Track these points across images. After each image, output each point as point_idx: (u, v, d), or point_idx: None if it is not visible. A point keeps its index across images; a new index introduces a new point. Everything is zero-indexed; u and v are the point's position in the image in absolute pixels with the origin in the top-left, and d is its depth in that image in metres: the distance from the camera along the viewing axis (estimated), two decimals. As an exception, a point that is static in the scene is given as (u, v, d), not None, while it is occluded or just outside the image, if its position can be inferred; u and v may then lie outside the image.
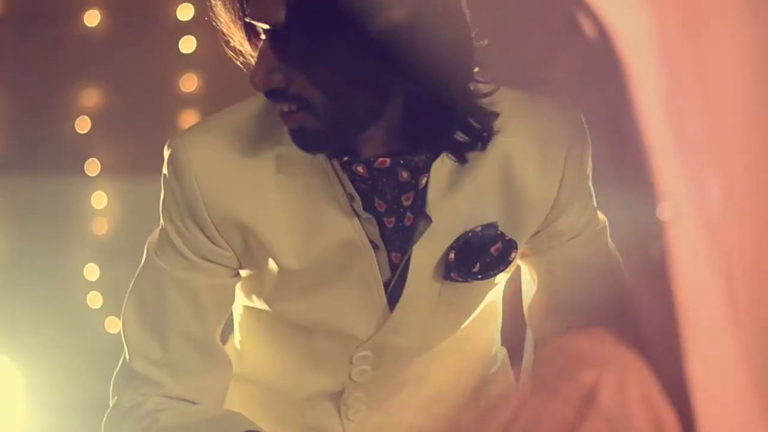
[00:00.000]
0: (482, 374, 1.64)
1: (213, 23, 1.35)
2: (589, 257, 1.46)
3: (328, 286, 1.42)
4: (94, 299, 2.94)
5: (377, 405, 1.54)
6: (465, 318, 1.50)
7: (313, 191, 1.37)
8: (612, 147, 1.38)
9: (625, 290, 1.47)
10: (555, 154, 1.41)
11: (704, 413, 1.08)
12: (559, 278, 1.46)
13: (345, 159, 1.34)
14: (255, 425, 1.38)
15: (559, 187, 1.41)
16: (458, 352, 1.56)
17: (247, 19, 1.30)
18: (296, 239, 1.38)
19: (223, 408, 1.46)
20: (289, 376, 1.54)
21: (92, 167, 2.93)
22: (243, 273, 1.45)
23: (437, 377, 1.56)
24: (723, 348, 1.06)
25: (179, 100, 2.93)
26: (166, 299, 1.40)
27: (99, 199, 2.94)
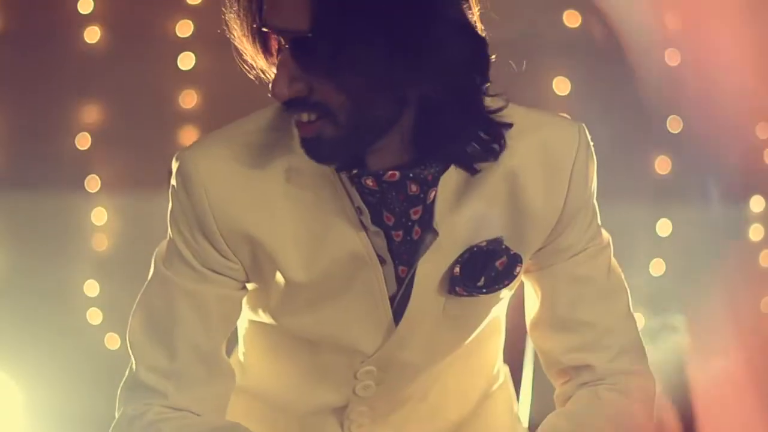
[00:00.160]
0: (484, 390, 1.64)
1: (227, 37, 1.34)
2: (592, 273, 1.46)
3: (335, 300, 1.41)
4: (94, 315, 2.93)
5: (380, 420, 1.55)
6: (469, 334, 1.50)
7: (322, 204, 1.37)
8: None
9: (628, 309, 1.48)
10: (560, 170, 1.41)
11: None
12: (562, 294, 1.46)
13: (354, 172, 1.33)
14: None
15: (564, 203, 1.42)
16: (461, 368, 1.56)
17: (265, 29, 1.29)
18: (303, 252, 1.38)
19: (225, 419, 1.45)
20: (293, 391, 1.54)
21: (92, 184, 2.92)
22: (249, 286, 1.45)
23: (440, 393, 1.57)
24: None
25: (179, 117, 2.92)
26: (174, 310, 1.40)
27: (99, 216, 2.93)
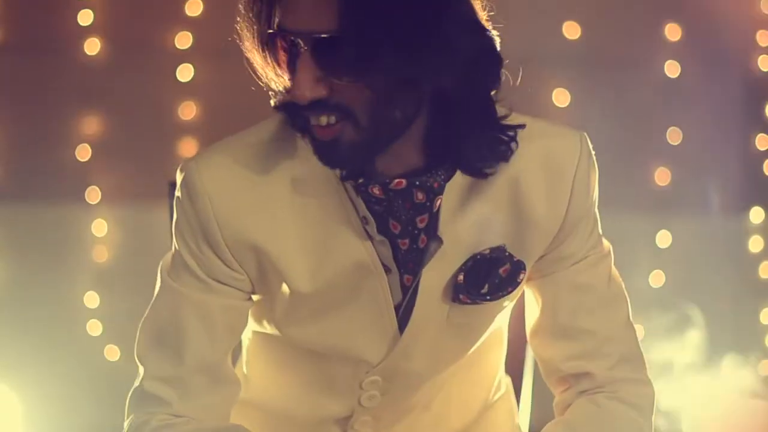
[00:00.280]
0: (486, 400, 1.64)
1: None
2: (593, 282, 1.46)
3: (340, 310, 1.42)
4: (94, 327, 2.94)
5: (384, 429, 1.55)
6: (473, 343, 1.51)
7: (327, 214, 1.37)
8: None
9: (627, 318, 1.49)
10: (562, 179, 1.41)
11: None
12: (563, 301, 1.46)
13: (360, 181, 1.34)
14: None
15: (566, 211, 1.42)
16: (465, 378, 1.57)
17: (283, 33, 1.27)
18: (309, 262, 1.38)
19: (227, 422, 1.45)
20: (298, 402, 1.54)
21: (92, 195, 2.93)
22: (255, 297, 1.45)
23: (443, 402, 1.57)
24: None
25: (178, 128, 2.93)
26: (180, 321, 1.40)
27: (99, 227, 2.94)
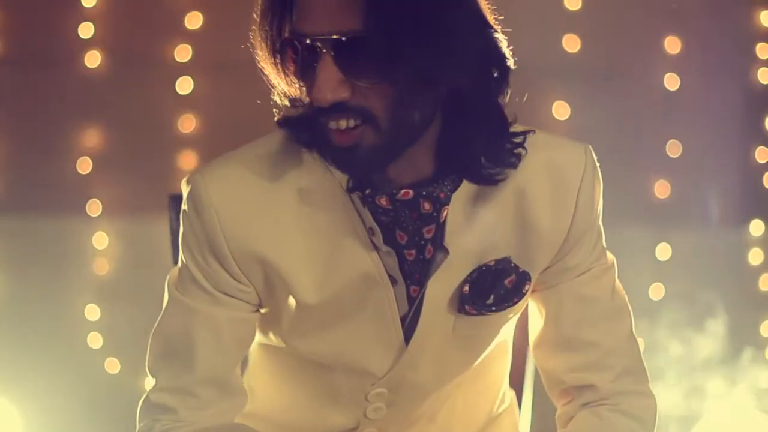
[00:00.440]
0: (491, 412, 1.65)
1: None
2: (597, 293, 1.47)
3: (346, 321, 1.42)
4: (95, 340, 2.94)
5: (390, 441, 1.55)
6: (478, 354, 1.51)
7: (333, 225, 1.38)
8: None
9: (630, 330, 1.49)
10: (567, 190, 1.42)
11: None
12: (566, 313, 1.47)
13: (367, 191, 1.34)
14: None
15: (571, 223, 1.43)
16: (470, 390, 1.57)
17: (302, 37, 1.26)
18: (315, 273, 1.39)
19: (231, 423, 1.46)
20: (303, 414, 1.54)
21: (93, 208, 2.93)
22: (262, 310, 1.45)
23: (448, 414, 1.57)
24: None
25: (178, 141, 2.93)
26: (187, 333, 1.40)
27: (100, 240, 2.94)
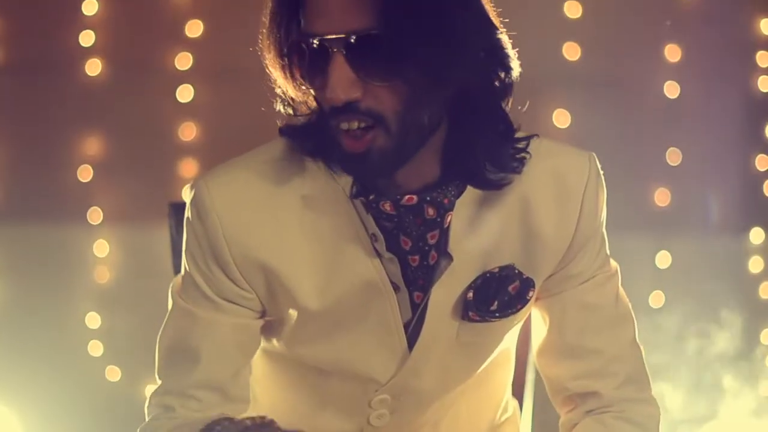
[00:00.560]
0: (493, 421, 1.65)
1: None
2: (601, 301, 1.48)
3: (349, 328, 1.42)
4: (95, 348, 2.93)
5: (393, 448, 1.55)
6: (481, 362, 1.51)
7: (336, 231, 1.38)
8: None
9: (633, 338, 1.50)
10: (571, 198, 1.43)
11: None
12: (570, 320, 1.48)
13: (371, 197, 1.34)
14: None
15: (575, 230, 1.44)
16: (473, 397, 1.57)
17: (313, 37, 1.27)
18: (318, 280, 1.39)
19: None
20: (307, 421, 1.54)
21: (94, 216, 2.93)
22: (266, 317, 1.45)
23: (452, 422, 1.58)
24: None
25: (178, 149, 2.93)
26: (191, 340, 1.40)
27: (101, 248, 2.94)
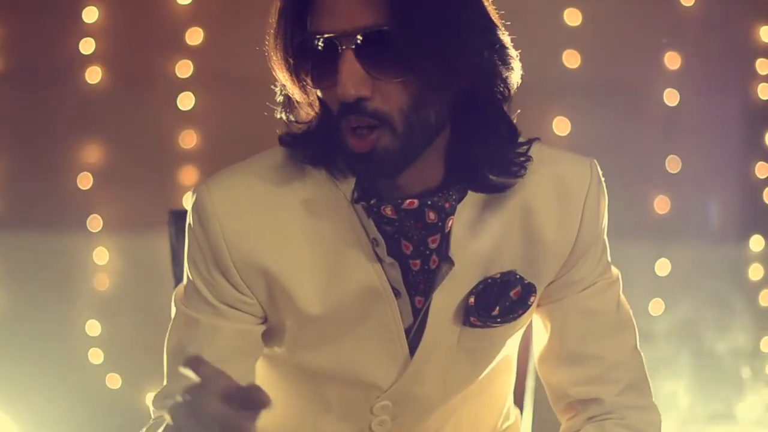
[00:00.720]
0: (495, 428, 1.65)
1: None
2: (602, 307, 1.48)
3: (349, 333, 1.42)
4: (95, 355, 2.94)
5: (394, 455, 1.55)
6: (483, 368, 1.51)
7: (337, 236, 1.38)
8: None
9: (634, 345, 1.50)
10: (573, 204, 1.43)
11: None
12: (572, 326, 1.48)
13: (372, 201, 1.34)
14: None
15: (577, 236, 1.44)
16: (475, 404, 1.57)
17: (322, 35, 1.27)
18: (318, 285, 1.39)
19: None
20: (309, 427, 1.54)
21: (94, 223, 2.94)
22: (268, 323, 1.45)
23: (453, 429, 1.57)
24: None
25: (179, 157, 2.94)
26: (192, 345, 1.40)
27: (101, 255, 2.94)
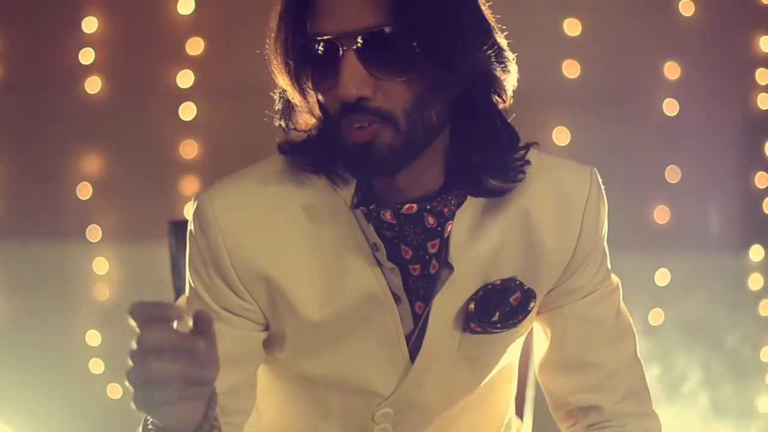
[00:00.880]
0: (495, 436, 1.64)
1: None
2: (602, 315, 1.47)
3: (350, 340, 1.42)
4: (96, 365, 2.93)
5: (396, 464, 1.54)
6: (484, 375, 1.51)
7: (337, 242, 1.38)
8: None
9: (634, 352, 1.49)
10: (573, 211, 1.43)
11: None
12: (571, 334, 1.47)
13: (372, 206, 1.35)
14: None
15: (576, 244, 1.43)
16: (476, 413, 1.56)
17: (324, 37, 1.28)
18: (319, 291, 1.39)
19: None
20: None
21: (93, 233, 2.93)
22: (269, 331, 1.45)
23: (454, 438, 1.57)
24: None
25: (179, 167, 2.94)
26: None
27: (100, 266, 2.94)
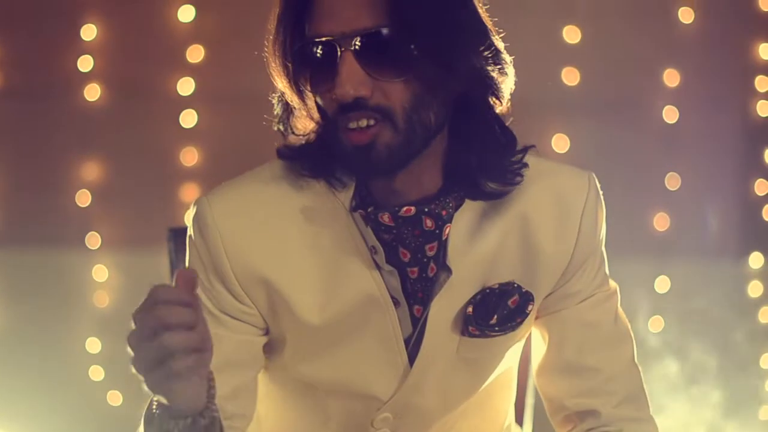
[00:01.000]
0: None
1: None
2: (600, 319, 1.47)
3: (349, 343, 1.42)
4: (96, 372, 2.93)
5: (395, 469, 1.53)
6: (483, 379, 1.50)
7: (336, 245, 1.38)
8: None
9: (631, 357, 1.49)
10: (571, 216, 1.43)
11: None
12: (569, 338, 1.47)
13: (370, 209, 1.35)
14: None
15: (574, 248, 1.44)
16: (475, 418, 1.56)
17: (321, 38, 1.28)
18: (318, 294, 1.39)
19: None
20: None
21: (93, 241, 2.93)
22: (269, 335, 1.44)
23: (454, 443, 1.56)
24: None
25: (180, 174, 2.94)
26: None
27: (100, 273, 2.94)
